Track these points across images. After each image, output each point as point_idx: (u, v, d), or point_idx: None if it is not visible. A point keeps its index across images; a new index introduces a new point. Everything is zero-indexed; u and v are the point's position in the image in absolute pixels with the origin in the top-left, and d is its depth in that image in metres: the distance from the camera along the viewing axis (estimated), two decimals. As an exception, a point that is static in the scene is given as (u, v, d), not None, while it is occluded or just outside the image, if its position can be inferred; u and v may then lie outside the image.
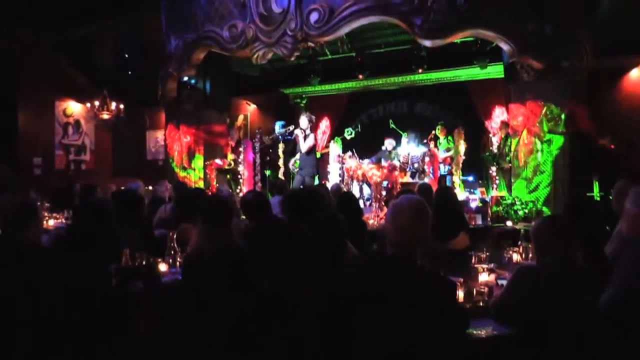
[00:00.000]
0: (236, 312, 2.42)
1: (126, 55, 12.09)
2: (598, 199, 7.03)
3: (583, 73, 6.76)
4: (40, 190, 7.58)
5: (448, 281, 2.04)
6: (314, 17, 6.53)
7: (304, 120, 8.35)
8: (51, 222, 6.12)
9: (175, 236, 3.67)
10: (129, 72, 11.89)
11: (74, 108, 11.94)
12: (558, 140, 6.76)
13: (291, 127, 9.19)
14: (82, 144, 12.15)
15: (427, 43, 6.38)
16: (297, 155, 8.73)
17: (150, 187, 7.22)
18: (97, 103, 11.64)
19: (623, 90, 9.07)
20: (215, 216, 2.67)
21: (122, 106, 11.91)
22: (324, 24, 6.49)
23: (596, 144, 7.74)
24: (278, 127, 9.73)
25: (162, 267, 3.49)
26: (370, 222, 6.57)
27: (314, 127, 9.14)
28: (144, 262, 3.24)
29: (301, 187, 7.78)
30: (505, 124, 8.51)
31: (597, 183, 7.20)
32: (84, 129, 12.15)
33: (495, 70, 9.25)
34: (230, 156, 9.68)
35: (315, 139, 8.63)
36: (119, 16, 9.73)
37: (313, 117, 8.79)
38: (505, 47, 6.34)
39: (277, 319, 2.55)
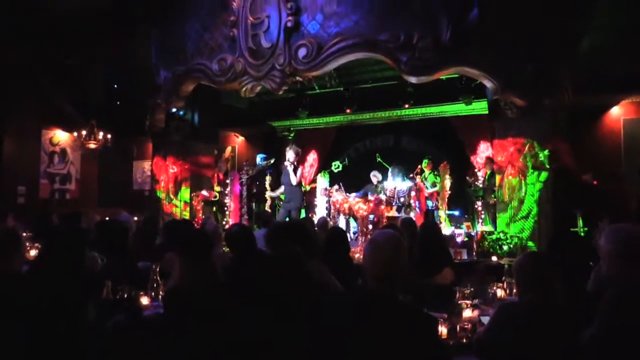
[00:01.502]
0: (218, 346, 2.38)
1: (115, 86, 12.14)
2: (582, 234, 7.10)
3: (565, 110, 6.92)
4: (22, 219, 7.48)
5: (429, 317, 2.04)
6: (302, 52, 6.64)
7: (290, 153, 8.37)
8: (33, 252, 6.02)
9: (158, 268, 3.64)
10: (118, 102, 11.93)
11: (60, 137, 11.91)
12: (542, 176, 6.85)
13: (272, 160, 9.25)
14: (67, 173, 12.08)
15: (413, 79, 6.50)
16: (282, 188, 8.73)
17: (136, 218, 7.17)
18: (84, 132, 11.62)
19: (604, 127, 9.27)
20: (194, 249, 2.65)
21: (109, 136, 11.90)
22: (312, 59, 6.60)
23: (579, 179, 7.86)
24: (259, 159, 9.76)
25: (144, 300, 3.44)
26: (357, 255, 6.56)
27: (301, 160, 9.18)
28: (125, 295, 3.20)
29: (287, 219, 7.77)
30: (490, 160, 8.62)
31: (580, 218, 7.28)
32: (70, 158, 12.10)
33: (480, 107, 9.42)
34: (217, 188, 9.67)
35: (302, 172, 8.66)
36: (109, 47, 9.80)
37: (299, 150, 8.82)
38: (488, 84, 6.47)
39: (259, 353, 2.51)
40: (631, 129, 9.04)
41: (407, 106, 10.20)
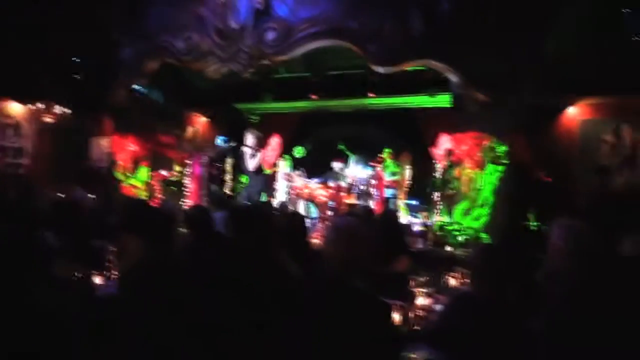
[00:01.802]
0: (172, 328, 2.37)
1: (74, 59, 11.73)
2: (534, 228, 7.32)
3: (525, 108, 7.09)
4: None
5: (385, 304, 2.08)
6: (270, 35, 6.58)
7: (250, 138, 8.29)
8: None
9: (115, 248, 3.58)
10: (77, 76, 11.54)
11: (15, 109, 11.45)
12: (498, 170, 7.02)
13: (233, 143, 9.16)
14: (20, 147, 11.63)
15: (380, 69, 6.54)
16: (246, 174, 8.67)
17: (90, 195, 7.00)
18: (40, 105, 11.20)
19: (561, 126, 9.52)
20: (155, 229, 2.62)
21: (67, 110, 11.51)
22: (280, 44, 6.56)
23: (534, 176, 8.09)
24: (219, 141, 9.63)
25: (98, 279, 3.39)
26: (315, 241, 6.59)
27: (263, 144, 9.12)
28: (78, 274, 3.14)
29: (247, 203, 7.74)
30: (449, 152, 8.77)
31: (533, 213, 7.50)
32: (25, 131, 11.65)
33: (444, 100, 9.55)
34: (178, 168, 9.51)
35: (263, 157, 8.58)
36: (71, 17, 9.45)
37: (261, 135, 8.75)
38: (453, 79, 6.58)
39: (213, 334, 2.51)
40: (587, 129, 9.32)
41: (372, 95, 10.25)
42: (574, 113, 9.47)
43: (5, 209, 5.75)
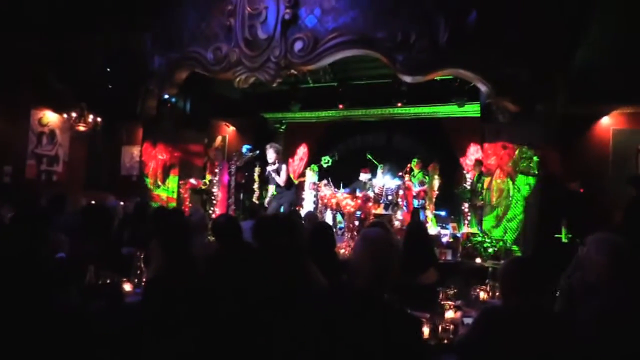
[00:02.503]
0: (193, 338, 2.37)
1: (108, 69, 12.01)
2: (566, 241, 7.17)
3: (556, 118, 6.96)
4: (6, 199, 7.40)
5: (414, 318, 2.04)
6: (298, 45, 6.61)
7: (271, 153, 8.06)
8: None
9: (142, 255, 3.62)
10: (110, 86, 11.80)
11: (50, 118, 11.76)
12: (529, 182, 6.89)
13: (257, 152, 9.14)
14: (55, 154, 11.93)
15: (408, 79, 6.50)
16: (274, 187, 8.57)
17: (122, 203, 7.12)
18: (74, 114, 11.50)
19: (594, 136, 9.34)
20: (172, 239, 2.63)
21: (99, 119, 11.79)
22: (308, 53, 6.57)
23: (566, 187, 7.93)
24: (244, 150, 9.66)
25: (127, 286, 3.42)
26: (342, 251, 6.57)
27: (291, 154, 9.11)
28: (108, 281, 3.18)
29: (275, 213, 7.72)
30: (479, 162, 8.67)
31: (565, 225, 7.34)
32: (59, 139, 11.95)
33: (472, 109, 9.45)
34: (208, 177, 9.60)
35: (287, 170, 8.38)
36: (105, 29, 9.70)
37: (280, 148, 8.54)
38: (482, 88, 6.50)
39: (237, 345, 2.51)
40: (620, 139, 9.12)
41: (399, 105, 10.22)
42: (607, 123, 9.29)
43: (37, 217, 5.87)
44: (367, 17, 6.33)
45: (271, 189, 8.74)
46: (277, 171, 8.01)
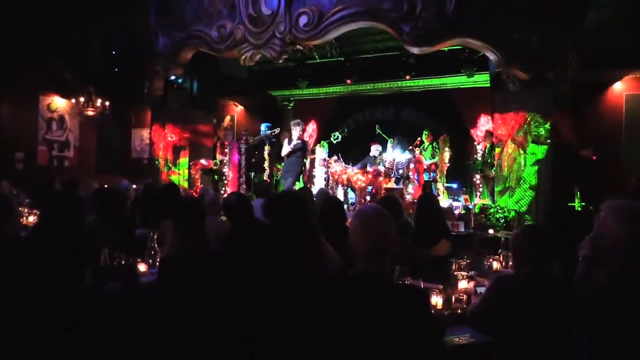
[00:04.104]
0: (211, 315, 2.40)
1: (114, 52, 11.99)
2: (579, 209, 7.11)
3: (567, 84, 6.84)
4: (20, 186, 7.48)
5: (420, 292, 2.04)
6: (303, 20, 6.53)
7: (296, 131, 8.48)
8: (31, 219, 6.03)
9: (155, 236, 3.65)
10: (116, 69, 11.80)
11: (58, 103, 11.81)
12: (541, 150, 6.82)
13: (277, 130, 9.23)
14: (65, 140, 12.01)
15: (415, 50, 6.41)
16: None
17: (135, 186, 7.15)
18: (82, 99, 11.53)
19: (606, 102, 9.20)
20: (185, 218, 2.63)
21: (107, 103, 11.82)
22: (313, 28, 6.49)
23: (579, 154, 7.85)
24: (264, 128, 9.71)
25: (142, 267, 3.46)
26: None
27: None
28: (122, 262, 3.21)
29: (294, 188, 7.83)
30: (489, 133, 8.59)
31: (578, 193, 7.28)
32: (68, 125, 12.01)
33: (482, 79, 9.33)
34: (219, 157, 9.62)
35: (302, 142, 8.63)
36: (109, 12, 9.64)
37: (304, 125, 8.87)
38: (492, 56, 6.40)
39: (251, 322, 2.53)
40: (633, 104, 8.98)
41: (408, 78, 10.11)
42: (619, 88, 9.14)
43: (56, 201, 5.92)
44: (372, -12, 6.22)
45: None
46: (289, 141, 8.32)
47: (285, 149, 8.37)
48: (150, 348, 2.36)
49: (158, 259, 3.48)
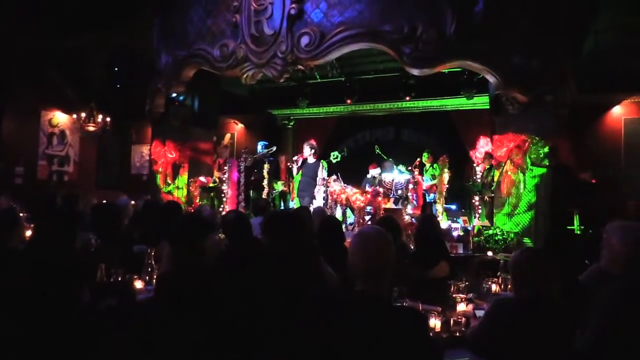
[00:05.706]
0: (208, 332, 2.37)
1: (116, 69, 12.07)
2: (578, 232, 7.10)
3: (566, 108, 6.88)
4: (19, 200, 7.46)
5: (418, 314, 2.02)
6: (304, 40, 6.60)
7: (307, 150, 8.68)
8: (28, 233, 5.99)
9: (153, 253, 3.63)
10: (118, 86, 11.87)
11: (60, 118, 11.85)
12: (540, 173, 6.83)
13: (273, 148, 9.25)
14: (66, 155, 12.02)
15: (415, 72, 6.47)
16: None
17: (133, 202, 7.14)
18: (83, 115, 11.57)
19: (605, 126, 9.25)
20: (179, 236, 2.61)
21: (108, 119, 11.85)
22: (315, 48, 6.56)
23: (578, 177, 7.85)
24: (260, 146, 9.71)
25: (138, 284, 3.43)
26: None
27: (299, 151, 9.25)
28: (119, 278, 3.19)
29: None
30: (489, 155, 8.59)
31: (577, 216, 7.28)
32: (69, 140, 12.04)
33: (481, 101, 9.38)
34: (217, 174, 9.62)
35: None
36: (111, 30, 9.73)
37: (315, 145, 9.11)
38: (491, 79, 6.44)
39: (245, 342, 2.50)
40: (632, 128, 9.02)
41: (408, 99, 10.17)
42: (618, 112, 9.19)
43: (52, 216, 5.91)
44: (373, 10, 6.30)
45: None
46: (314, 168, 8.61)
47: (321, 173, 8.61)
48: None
49: (155, 276, 3.46)
